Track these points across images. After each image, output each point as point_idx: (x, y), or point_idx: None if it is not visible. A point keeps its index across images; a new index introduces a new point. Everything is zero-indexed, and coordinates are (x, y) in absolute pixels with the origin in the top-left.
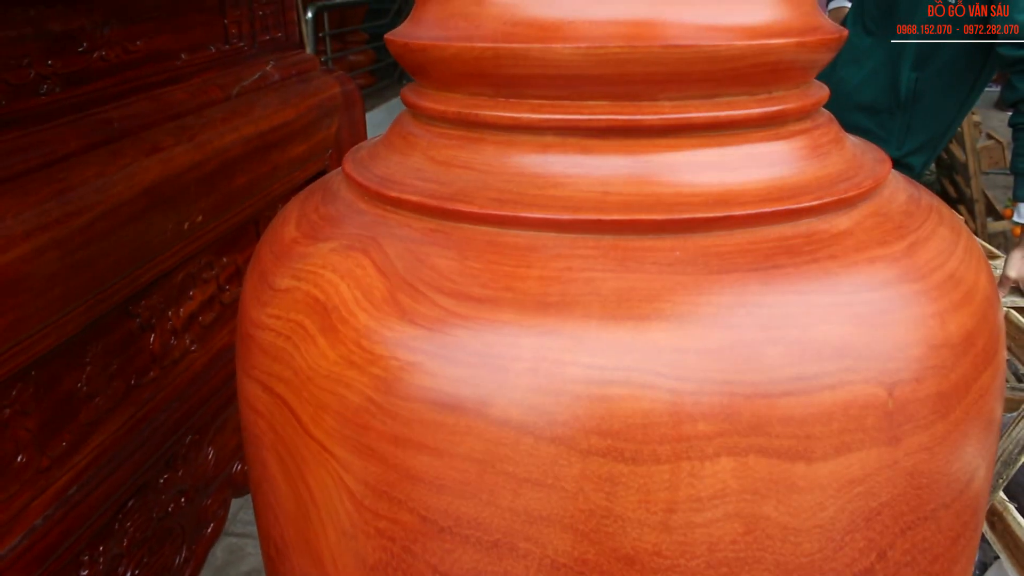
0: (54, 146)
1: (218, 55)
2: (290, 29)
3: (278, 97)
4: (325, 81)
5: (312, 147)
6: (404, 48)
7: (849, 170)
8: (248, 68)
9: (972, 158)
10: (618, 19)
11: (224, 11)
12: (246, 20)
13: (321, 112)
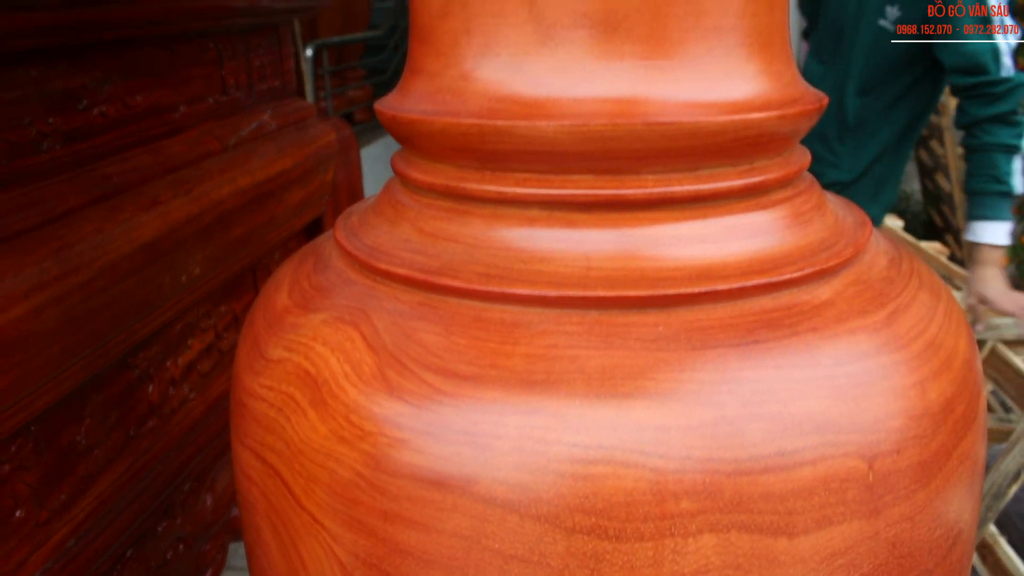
0: (53, 203)
1: (216, 106)
2: (287, 78)
3: (275, 147)
4: (321, 128)
5: (309, 195)
6: (393, 120)
7: (831, 237)
8: (245, 118)
9: (957, 189)
10: (601, 97)
11: (222, 63)
12: (243, 71)
13: (318, 160)
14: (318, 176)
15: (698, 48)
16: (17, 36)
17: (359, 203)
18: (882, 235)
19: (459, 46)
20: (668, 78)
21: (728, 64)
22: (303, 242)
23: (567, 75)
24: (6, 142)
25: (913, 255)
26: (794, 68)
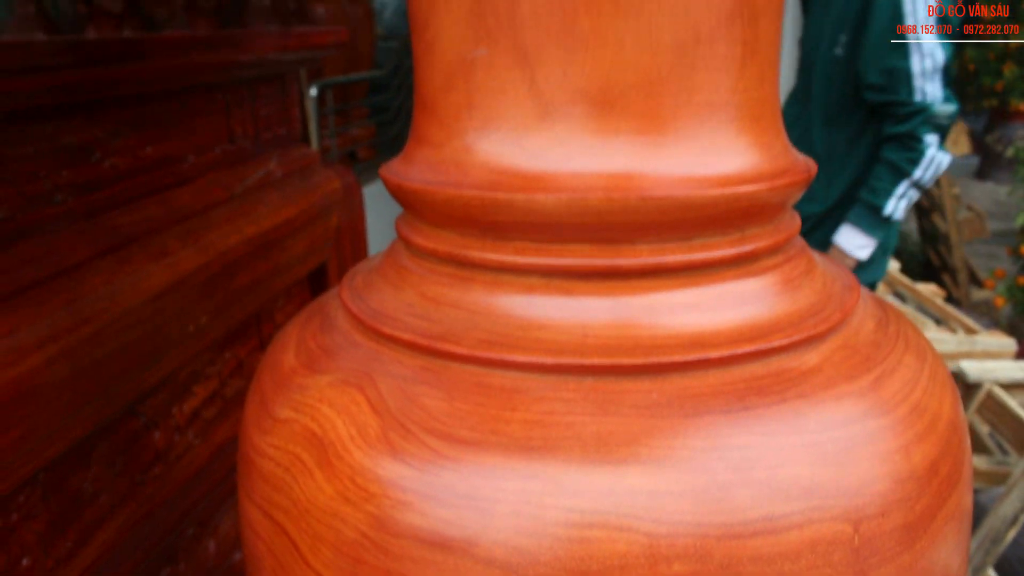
0: (65, 255)
1: (223, 155)
2: (292, 126)
3: (280, 195)
4: (326, 176)
5: (313, 242)
6: (398, 188)
7: (819, 302)
8: (251, 167)
9: (954, 229)
10: (597, 171)
11: (229, 113)
12: (250, 120)
13: (322, 207)
14: (322, 223)
15: (690, 123)
16: (36, 95)
17: (364, 262)
18: (870, 296)
19: (462, 119)
20: (662, 153)
21: (719, 138)
22: (307, 289)
23: (565, 150)
24: (22, 195)
25: (900, 316)
26: (784, 138)
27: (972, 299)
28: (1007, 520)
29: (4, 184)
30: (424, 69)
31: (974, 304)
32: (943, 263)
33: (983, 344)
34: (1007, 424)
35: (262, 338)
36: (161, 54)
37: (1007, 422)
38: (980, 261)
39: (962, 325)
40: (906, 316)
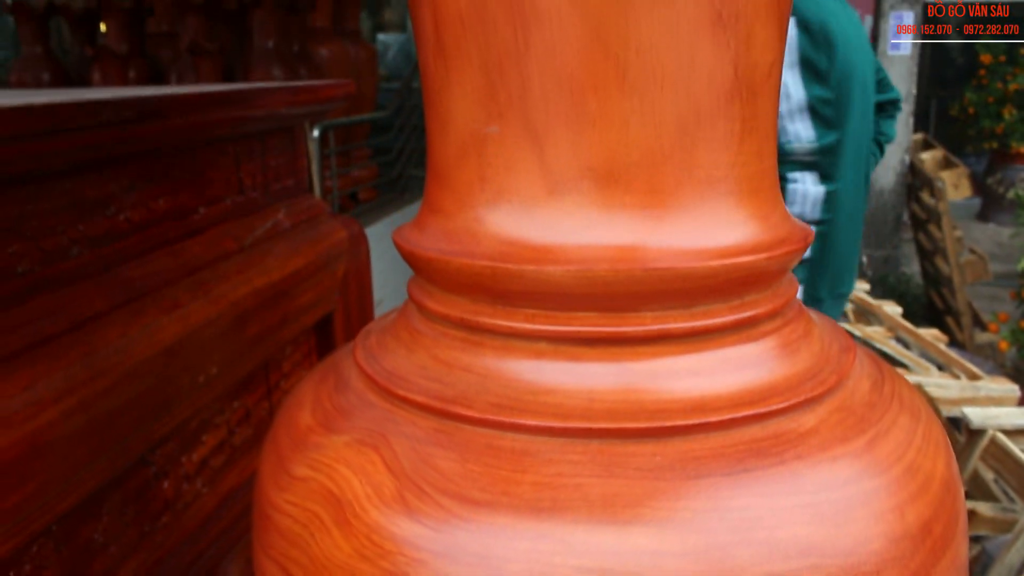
0: (81, 308)
1: (233, 207)
2: (300, 176)
3: (289, 246)
4: (332, 226)
5: (320, 292)
6: (411, 255)
7: (816, 365)
8: (260, 217)
9: (956, 272)
10: (603, 244)
11: (240, 164)
12: (260, 171)
13: (329, 258)
14: (329, 274)
15: (692, 197)
16: (57, 155)
17: (377, 321)
18: (866, 355)
19: (474, 191)
20: (664, 226)
21: (719, 211)
22: (313, 338)
23: (573, 223)
24: (41, 250)
25: (895, 375)
26: (781, 207)
27: (976, 342)
28: (1014, 569)
29: (23, 239)
30: (437, 141)
31: (978, 347)
32: (947, 306)
33: (986, 390)
34: (1011, 471)
35: (269, 386)
36: (178, 112)
37: (1011, 468)
38: (983, 303)
39: (965, 371)
40: (901, 375)
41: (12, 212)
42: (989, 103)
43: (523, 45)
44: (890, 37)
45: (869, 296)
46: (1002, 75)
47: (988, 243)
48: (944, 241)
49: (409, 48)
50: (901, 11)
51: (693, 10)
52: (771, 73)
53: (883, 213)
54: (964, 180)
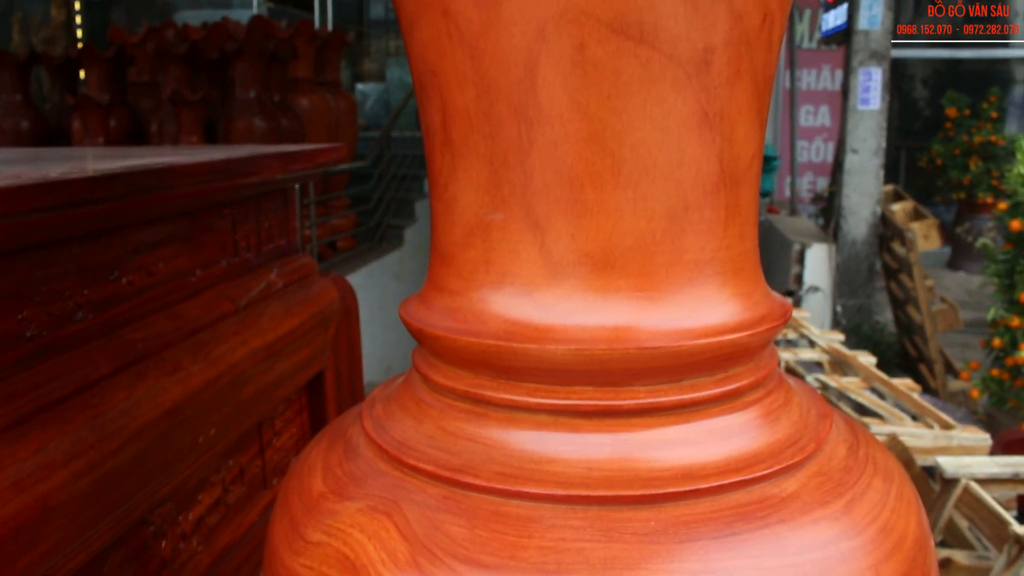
0: (87, 371)
1: (228, 268)
2: (292, 236)
3: (282, 306)
4: (323, 285)
5: (313, 351)
6: (419, 332)
7: (796, 433)
8: (255, 278)
9: (928, 321)
10: (600, 324)
11: (235, 227)
12: (254, 233)
13: (321, 317)
14: (321, 333)
15: (680, 280)
16: (66, 226)
17: (380, 389)
18: (843, 420)
19: (479, 273)
20: (655, 308)
21: (706, 292)
22: (305, 397)
23: (571, 305)
24: (48, 315)
25: (870, 438)
26: (763, 285)
27: (949, 389)
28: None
29: (33, 304)
30: (443, 224)
31: (951, 394)
32: (920, 354)
33: (959, 439)
34: (985, 519)
35: (262, 444)
36: (184, 182)
37: (985, 517)
38: (955, 351)
39: (938, 420)
40: (875, 437)
41: (23, 278)
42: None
43: (527, 142)
44: (859, 92)
45: (844, 346)
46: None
47: (959, 291)
48: (916, 291)
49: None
50: (870, 67)
51: (682, 110)
52: (752, 163)
53: (856, 263)
54: (934, 231)
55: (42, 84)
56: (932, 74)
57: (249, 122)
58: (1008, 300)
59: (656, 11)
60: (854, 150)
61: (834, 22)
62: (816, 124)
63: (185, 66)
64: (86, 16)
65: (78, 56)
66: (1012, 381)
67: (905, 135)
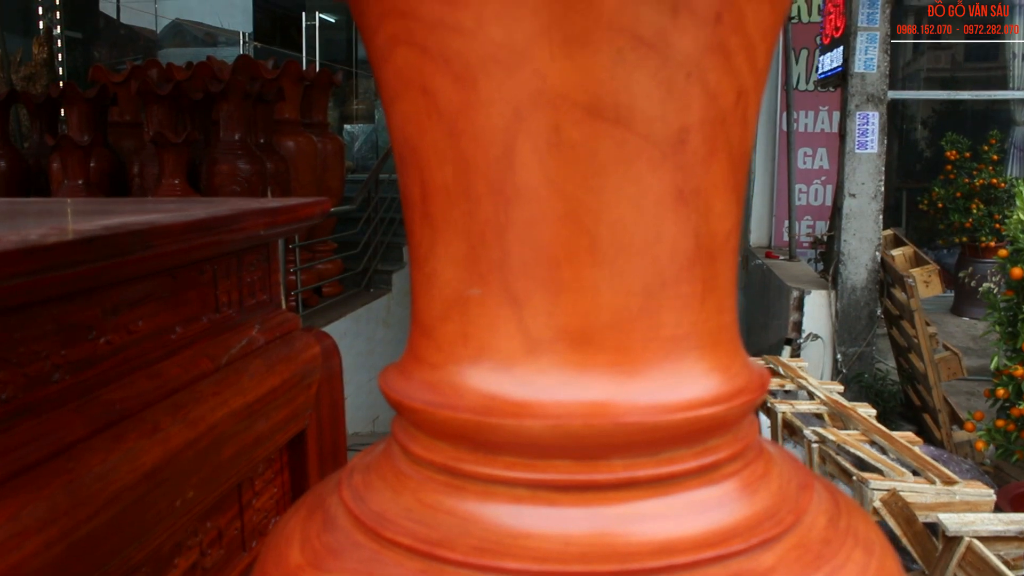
0: (62, 434)
1: (209, 325)
2: (274, 291)
3: (264, 364)
4: (306, 341)
5: (294, 410)
6: (398, 404)
7: (775, 505)
8: (236, 334)
9: (931, 369)
10: (577, 400)
11: (217, 283)
12: (235, 288)
13: (303, 375)
14: (303, 391)
15: (657, 356)
16: (46, 287)
17: (360, 457)
18: (824, 488)
19: (457, 347)
20: (632, 383)
21: (683, 367)
22: (286, 456)
23: (548, 380)
24: (25, 376)
25: (852, 507)
26: (742, 355)
27: (955, 440)
28: None
29: (9, 366)
30: (422, 297)
31: (957, 445)
32: (923, 403)
33: (962, 495)
34: None
35: (241, 505)
36: (164, 242)
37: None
38: (961, 399)
39: (940, 475)
40: (858, 506)
41: (2, 340)
42: (957, 198)
43: (504, 219)
44: (857, 136)
45: (843, 397)
46: (968, 170)
47: (963, 337)
48: (918, 338)
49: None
50: (867, 111)
51: (658, 189)
52: (729, 237)
53: (855, 310)
54: (935, 277)
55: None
56: (932, 115)
57: (233, 165)
58: (1012, 349)
59: (631, 93)
60: (852, 194)
61: (830, 65)
62: (814, 167)
63: (168, 107)
64: (68, 54)
65: (59, 95)
66: (1018, 432)
67: (906, 176)
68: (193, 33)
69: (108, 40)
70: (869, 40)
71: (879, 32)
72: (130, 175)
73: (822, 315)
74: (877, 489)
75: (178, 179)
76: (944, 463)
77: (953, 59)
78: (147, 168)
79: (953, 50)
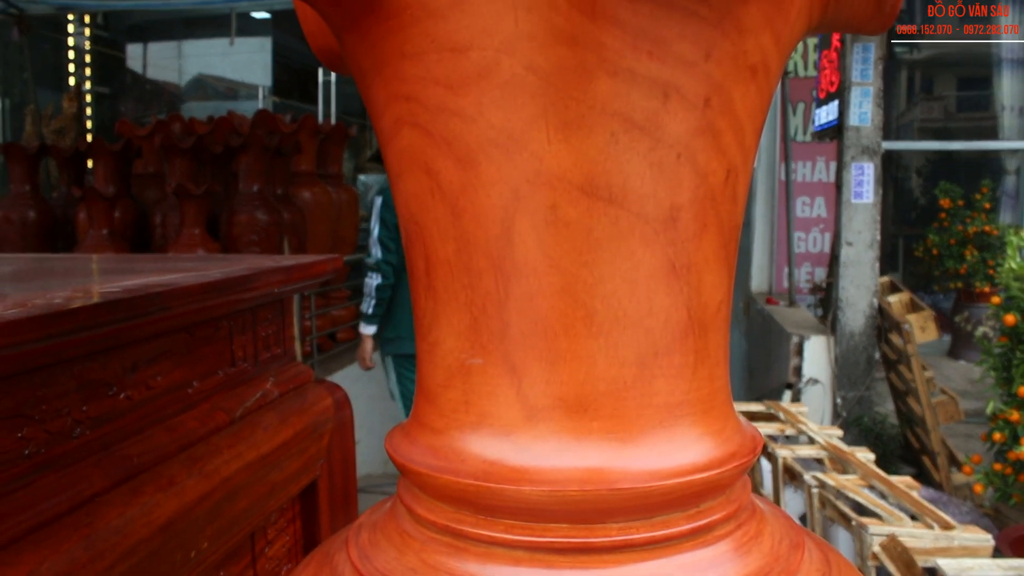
0: (81, 488)
1: (225, 379)
2: (288, 344)
3: (277, 417)
4: (318, 393)
5: (306, 462)
6: (403, 467)
7: (767, 565)
8: (250, 388)
9: (929, 413)
10: (575, 467)
11: (232, 338)
12: (251, 343)
13: (315, 426)
14: (315, 443)
15: (651, 423)
16: (68, 349)
17: (368, 515)
18: (816, 547)
19: (459, 414)
20: (627, 450)
21: (676, 434)
22: (298, 505)
23: (546, 447)
24: (47, 432)
25: (843, 566)
26: (734, 419)
27: (954, 483)
28: None
29: (33, 423)
30: (426, 364)
31: (956, 488)
32: (922, 446)
33: (960, 540)
34: None
35: (254, 555)
36: (181, 303)
37: None
38: (959, 441)
39: (938, 520)
40: (850, 564)
41: (25, 398)
42: (951, 245)
43: (504, 293)
44: (853, 186)
45: (842, 442)
46: (961, 218)
47: (960, 380)
48: (915, 382)
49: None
50: (862, 162)
51: (650, 264)
52: (720, 308)
53: (854, 355)
54: (931, 323)
55: (49, 173)
56: (926, 164)
57: (252, 215)
58: (1007, 394)
59: (624, 174)
60: (849, 243)
61: (826, 118)
62: (812, 215)
63: (190, 159)
64: (96, 108)
65: (87, 148)
66: (1016, 476)
67: (901, 223)
68: (215, 87)
69: (134, 95)
70: (863, 94)
71: (872, 87)
72: (152, 225)
73: (822, 360)
74: (876, 534)
75: (198, 229)
76: (943, 506)
77: (946, 109)
78: (169, 218)
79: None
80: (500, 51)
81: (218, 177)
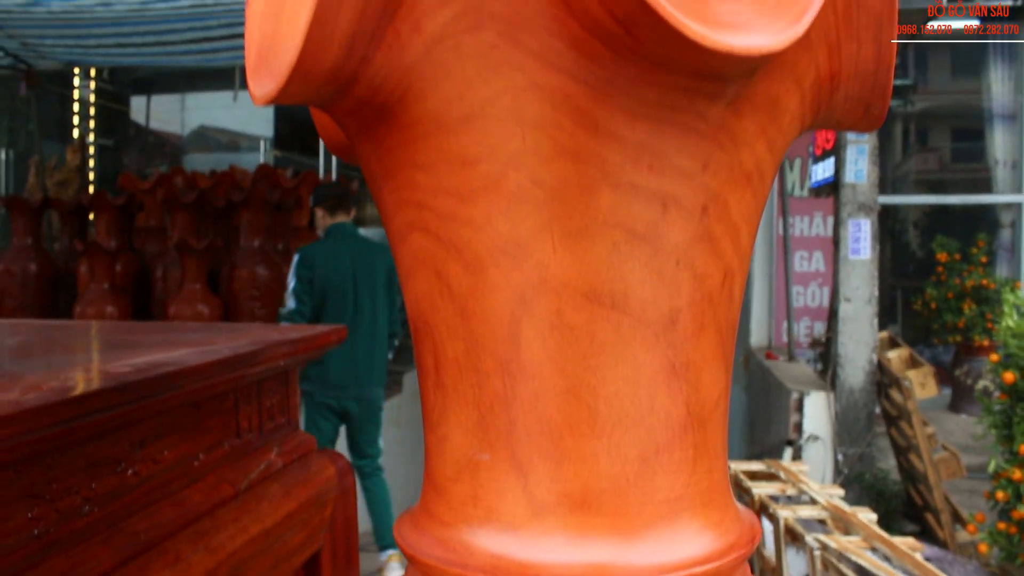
0: (90, 567)
1: (230, 450)
2: (292, 414)
3: (281, 488)
4: (321, 463)
5: (310, 533)
6: (412, 558)
7: None
8: (255, 459)
9: (931, 470)
10: (579, 562)
11: (238, 410)
12: (255, 413)
13: (319, 497)
14: (318, 514)
15: (653, 517)
16: (80, 431)
17: None
18: None
19: (467, 507)
20: (630, 546)
21: (677, 528)
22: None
23: (551, 542)
24: (57, 511)
25: None
26: (732, 510)
27: (958, 540)
28: None
29: (43, 502)
30: (435, 458)
31: (961, 546)
32: (925, 503)
33: None
34: None
35: None
36: (191, 381)
37: None
38: (963, 497)
39: None
40: None
41: (37, 479)
42: (949, 298)
43: (511, 393)
44: (850, 243)
45: (844, 502)
46: (959, 272)
47: (962, 435)
48: (916, 439)
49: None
50: (859, 219)
51: (651, 365)
52: (719, 403)
53: (854, 411)
54: (930, 379)
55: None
56: (922, 217)
57: (252, 270)
58: (1008, 451)
59: (625, 281)
60: (847, 299)
61: (822, 174)
62: (811, 269)
63: (192, 214)
64: (99, 159)
65: (90, 202)
66: (1021, 535)
67: (899, 276)
68: (217, 139)
69: (137, 147)
70: (859, 152)
71: (868, 144)
72: (154, 279)
73: (822, 416)
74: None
75: (199, 284)
76: (949, 565)
77: (941, 161)
78: (170, 272)
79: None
80: (508, 165)
81: (219, 231)
